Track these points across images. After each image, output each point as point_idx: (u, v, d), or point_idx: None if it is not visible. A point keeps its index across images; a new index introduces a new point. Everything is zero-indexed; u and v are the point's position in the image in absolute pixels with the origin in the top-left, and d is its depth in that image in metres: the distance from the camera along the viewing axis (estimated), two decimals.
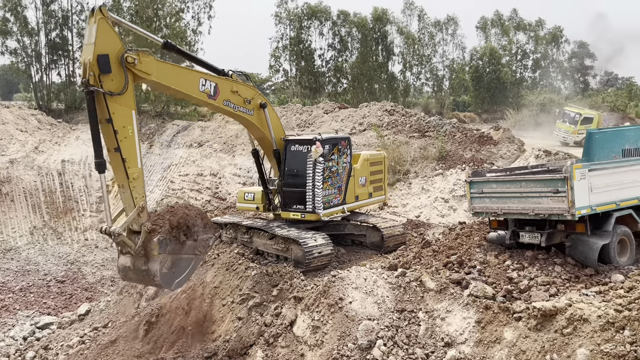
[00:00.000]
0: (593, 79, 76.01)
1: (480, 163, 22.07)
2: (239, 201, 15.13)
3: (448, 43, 65.82)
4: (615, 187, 10.78)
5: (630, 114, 50.29)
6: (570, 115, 37.68)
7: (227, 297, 12.32)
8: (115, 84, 10.02)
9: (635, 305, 8.04)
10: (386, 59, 62.16)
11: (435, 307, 9.83)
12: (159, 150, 34.29)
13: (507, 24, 68.37)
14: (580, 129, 35.06)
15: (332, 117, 32.43)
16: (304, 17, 59.50)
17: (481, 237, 12.87)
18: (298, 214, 13.47)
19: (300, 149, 13.53)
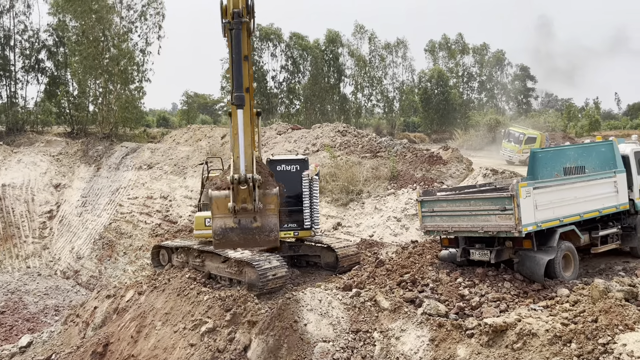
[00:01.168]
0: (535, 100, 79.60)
1: (430, 182, 22.53)
2: (198, 228, 13.85)
3: (398, 65, 67.50)
4: (559, 204, 11.20)
5: (570, 134, 52.77)
6: (515, 135, 39.14)
7: (178, 323, 11.95)
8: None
9: (580, 319, 8.31)
10: (338, 80, 63.09)
11: (390, 326, 9.85)
12: (107, 173, 33.34)
13: (453, 48, 70.84)
14: (525, 148, 36.44)
15: (285, 138, 32.48)
16: (256, 39, 59.74)
17: (433, 255, 13.06)
18: (290, 232, 13.65)
19: (288, 168, 13.78)
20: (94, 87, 44.18)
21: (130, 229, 27.71)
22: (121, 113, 42.94)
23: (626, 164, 13.12)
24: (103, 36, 42.44)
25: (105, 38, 42.68)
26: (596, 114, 66.36)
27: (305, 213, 13.69)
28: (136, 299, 13.94)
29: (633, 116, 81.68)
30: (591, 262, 12.94)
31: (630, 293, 9.05)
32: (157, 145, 37.08)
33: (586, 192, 11.83)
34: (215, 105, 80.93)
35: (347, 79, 64.00)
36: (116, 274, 25.75)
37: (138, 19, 45.19)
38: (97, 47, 41.67)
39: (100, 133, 41.32)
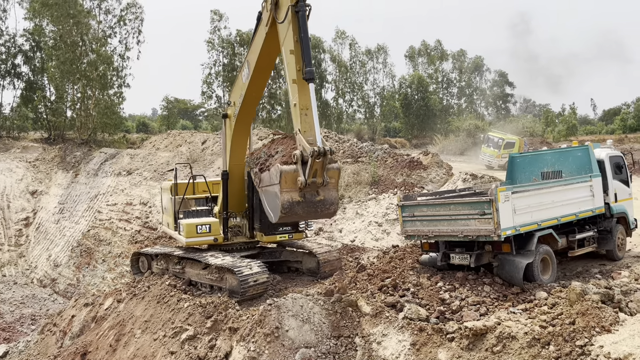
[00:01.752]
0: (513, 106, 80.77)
1: (411, 187, 22.68)
2: (189, 236, 13.34)
3: (379, 71, 67.97)
4: (537, 208, 11.35)
5: (547, 139, 53.64)
6: (494, 140, 39.68)
7: (158, 331, 11.81)
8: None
9: (558, 321, 8.42)
10: (320, 86, 63.26)
11: (371, 331, 9.86)
12: (85, 179, 32.90)
13: (432, 54, 71.62)
14: (503, 153, 36.96)
15: None
16: (237, 44, 59.67)
17: (414, 259, 13.14)
18: (285, 235, 13.91)
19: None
20: (72, 92, 43.64)
21: (109, 236, 27.35)
22: (100, 118, 42.47)
23: (601, 168, 13.38)
24: (81, 41, 41.97)
25: (83, 43, 42.22)
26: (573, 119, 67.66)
27: None
28: (115, 307, 13.75)
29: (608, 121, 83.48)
30: (568, 265, 13.15)
31: (607, 295, 9.19)
32: (137, 151, 36.72)
33: (563, 196, 12.02)
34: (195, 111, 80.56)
35: (329, 85, 64.25)
36: (94, 282, 25.36)
37: (117, 23, 44.86)
38: (74, 51, 41.19)
39: (79, 139, 40.80)
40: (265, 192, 10.36)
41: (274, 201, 9.95)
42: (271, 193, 10.04)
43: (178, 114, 70.94)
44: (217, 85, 59.83)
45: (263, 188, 10.40)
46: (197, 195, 15.04)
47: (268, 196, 10.22)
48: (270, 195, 10.08)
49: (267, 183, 10.20)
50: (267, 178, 10.14)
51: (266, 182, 10.22)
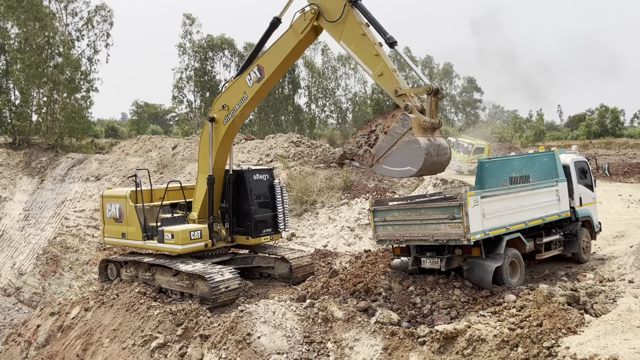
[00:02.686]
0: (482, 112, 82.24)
1: (383, 192, 22.84)
2: (184, 243, 13.13)
3: (350, 77, 68.38)
4: (505, 212, 11.55)
5: (515, 144, 54.73)
6: (464, 146, 40.25)
7: (127, 339, 11.59)
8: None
9: (526, 324, 8.57)
10: (292, 91, 63.29)
11: (344, 336, 9.87)
12: (52, 185, 32.15)
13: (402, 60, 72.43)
14: (473, 158, 37.51)
15: (239, 148, 32.25)
16: (209, 49, 59.29)
17: (386, 264, 13.22)
18: (267, 236, 14.68)
19: (261, 177, 14.72)
20: (38, 96, 42.62)
21: (77, 243, 26.74)
22: (67, 123, 41.56)
23: (567, 173, 13.70)
24: (47, 44, 41.05)
25: (50, 46, 41.31)
26: (541, 125, 69.26)
27: (279, 218, 14.75)
28: (82, 316, 13.45)
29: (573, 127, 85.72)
30: (536, 268, 13.42)
31: (573, 297, 9.41)
32: (106, 156, 36.06)
33: (531, 201, 12.27)
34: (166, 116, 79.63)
35: (302, 90, 64.38)
36: (61, 290, 24.75)
37: (84, 26, 44.04)
38: (40, 55, 40.28)
39: (45, 144, 39.85)
40: (390, 157, 10.32)
41: (409, 152, 9.93)
42: (403, 147, 10.05)
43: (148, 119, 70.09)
44: (188, 90, 59.29)
45: (384, 156, 10.37)
46: (156, 203, 14.55)
47: (399, 154, 10.15)
48: (402, 150, 10.07)
49: (390, 143, 10.24)
50: (389, 139, 10.25)
51: (388, 143, 10.26)
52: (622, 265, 12.30)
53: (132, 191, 14.36)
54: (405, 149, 10.01)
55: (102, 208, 15.31)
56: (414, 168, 9.94)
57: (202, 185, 13.89)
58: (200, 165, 14.03)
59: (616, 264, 12.61)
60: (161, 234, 13.49)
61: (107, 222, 15.08)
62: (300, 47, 12.29)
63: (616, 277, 11.80)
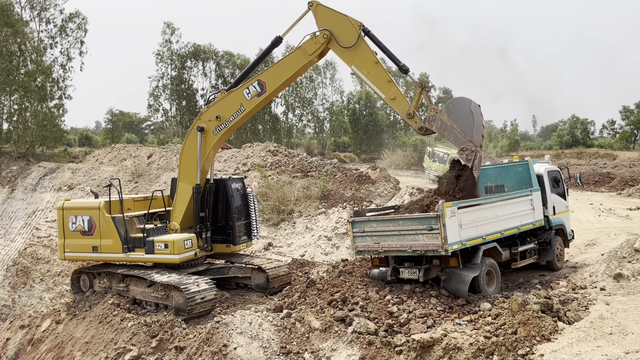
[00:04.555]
0: None
1: (360, 201, 22.90)
2: (180, 252, 12.95)
3: (327, 86, 68.63)
4: (481, 222, 11.67)
5: (490, 154, 55.55)
6: (440, 155, 40.72)
7: (100, 352, 11.35)
8: None
9: (501, 331, 8.65)
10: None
11: (321, 346, 9.82)
12: (23, 195, 31.43)
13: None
14: None
15: (215, 157, 32.01)
16: (188, 57, 58.95)
17: (363, 273, 13.22)
18: (244, 244, 15.09)
19: (237, 186, 15.03)
20: (9, 103, 41.72)
21: (48, 254, 26.13)
22: (39, 131, 40.76)
23: (540, 182, 13.94)
24: (19, 51, 40.29)
25: (22, 53, 40.54)
26: (515, 135, 70.45)
27: (253, 225, 15.18)
28: (53, 329, 13.13)
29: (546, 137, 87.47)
30: (511, 277, 13.58)
31: (546, 305, 9.54)
32: (79, 165, 35.44)
33: (506, 211, 12.43)
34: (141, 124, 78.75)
35: (279, 99, 64.34)
36: (31, 303, 24.12)
37: (58, 33, 43.37)
38: (11, 61, 39.49)
39: (15, 152, 38.96)
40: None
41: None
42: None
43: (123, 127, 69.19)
44: (164, 98, 58.76)
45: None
46: (137, 213, 14.30)
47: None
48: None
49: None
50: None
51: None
52: (594, 273, 12.53)
53: (106, 202, 13.77)
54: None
55: (62, 221, 14.25)
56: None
57: (184, 195, 13.73)
58: (182, 175, 13.83)
59: (588, 272, 12.85)
60: (150, 245, 13.08)
61: (69, 236, 14.11)
62: (305, 68, 13.22)
63: (588, 284, 12.02)
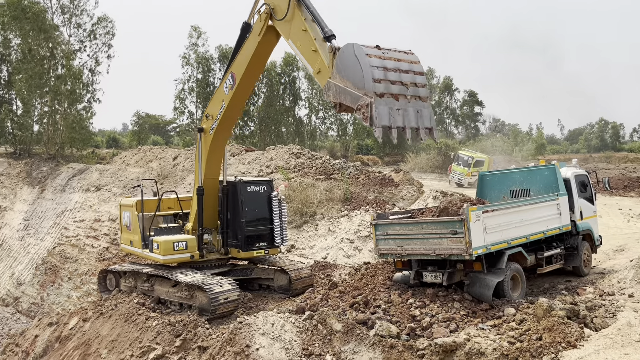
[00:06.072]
0: (483, 125, 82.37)
1: (383, 204, 22.83)
2: (166, 253, 13.23)
3: None
4: (506, 226, 11.51)
5: (516, 157, 54.80)
6: (464, 159, 40.33)
7: (125, 350, 11.53)
8: None
9: (526, 337, 8.54)
10: (293, 103, 63.49)
11: (343, 348, 9.82)
12: (52, 195, 32.15)
13: None
14: (473, 171, 37.57)
15: (239, 159, 32.30)
16: (214, 61, 59.56)
17: (385, 276, 13.17)
18: (262, 250, 14.24)
19: (257, 189, 14.29)
20: (40, 106, 42.76)
21: (76, 253, 26.68)
22: (68, 133, 41.67)
23: (567, 186, 13.70)
24: (50, 55, 41.30)
25: (53, 57, 41.55)
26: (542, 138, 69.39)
27: (276, 231, 14.26)
28: (80, 327, 13.38)
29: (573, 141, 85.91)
30: (536, 282, 13.37)
31: (572, 311, 9.37)
32: (106, 167, 36.10)
33: (532, 215, 12.24)
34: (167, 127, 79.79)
35: (302, 102, 64.56)
36: (59, 301, 24.66)
37: (87, 37, 44.35)
38: (43, 66, 40.49)
39: (46, 154, 39.91)
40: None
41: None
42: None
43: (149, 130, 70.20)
44: (189, 101, 59.44)
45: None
46: (165, 212, 14.76)
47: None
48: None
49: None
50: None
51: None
52: (622, 279, 12.26)
53: (137, 200, 14.60)
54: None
55: (120, 216, 15.79)
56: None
57: (195, 197, 14.02)
58: (195, 176, 14.13)
59: (616, 278, 12.57)
60: (151, 243, 13.62)
61: (123, 230, 15.55)
62: (262, 50, 12.15)
63: (616, 291, 11.76)
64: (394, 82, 9.16)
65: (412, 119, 9.42)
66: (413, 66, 9.63)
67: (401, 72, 9.34)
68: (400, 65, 9.38)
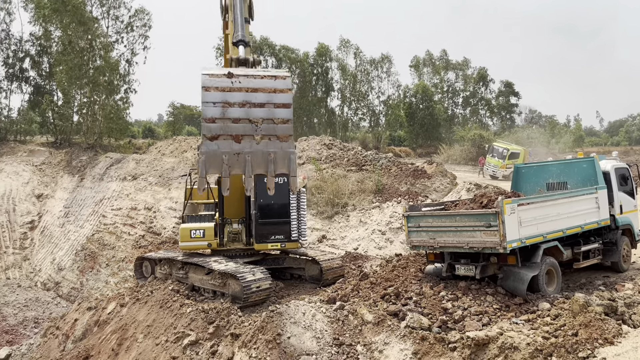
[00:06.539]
0: (518, 117, 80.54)
1: (415, 196, 22.66)
2: (183, 240, 13.74)
3: (383, 80, 67.97)
4: (542, 220, 11.31)
5: (553, 150, 53.51)
6: (499, 150, 39.63)
7: (160, 335, 11.82)
8: None
9: (561, 332, 8.39)
10: (325, 94, 63.41)
11: (373, 339, 9.85)
12: (91, 184, 33.03)
13: (437, 64, 71.63)
14: (508, 163, 36.90)
15: None
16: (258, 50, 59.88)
17: (417, 268, 13.12)
18: (277, 244, 13.66)
19: (276, 180, 13.69)
20: (79, 97, 43.88)
21: (114, 241, 27.42)
22: (106, 123, 42.68)
23: (607, 180, 13.34)
24: (89, 47, 42.27)
25: (92, 49, 42.51)
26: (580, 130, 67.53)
27: (293, 225, 13.67)
28: (118, 311, 13.77)
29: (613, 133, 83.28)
30: (572, 277, 13.10)
31: (610, 307, 9.16)
32: (142, 156, 36.86)
33: (569, 208, 11.99)
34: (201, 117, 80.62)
35: (335, 93, 64.40)
36: (98, 286, 25.40)
37: (124, 29, 45.19)
38: (82, 57, 41.49)
39: (85, 143, 40.97)
40: None
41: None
42: None
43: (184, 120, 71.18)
44: None
45: None
46: (205, 201, 15.24)
47: None
48: None
49: None
50: None
51: None
52: None
53: (188, 188, 15.25)
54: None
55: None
56: None
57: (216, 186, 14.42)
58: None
59: None
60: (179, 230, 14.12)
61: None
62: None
63: None
64: (237, 119, 7.62)
65: (258, 164, 8.06)
66: (274, 97, 7.80)
67: (252, 106, 7.67)
68: (252, 97, 7.64)
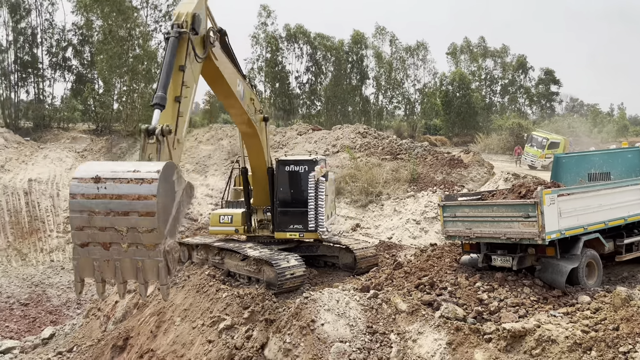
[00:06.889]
0: (559, 105, 78.24)
1: (451, 185, 22.38)
2: (213, 224, 14.47)
3: (419, 68, 67.01)
4: (583, 211, 11.00)
5: (595, 139, 51.88)
6: (538, 140, 38.65)
7: (197, 319, 12.09)
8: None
9: (601, 326, 8.19)
10: (360, 82, 62.99)
11: (407, 328, 9.83)
12: None
13: (475, 51, 70.09)
14: (548, 153, 35.97)
15: (306, 138, 32.57)
16: (282, 40, 59.92)
17: (452, 258, 12.99)
18: (296, 233, 13.67)
19: (296, 169, 13.71)
20: (119, 85, 44.87)
21: None
22: (145, 111, 43.55)
23: None
24: (129, 36, 43.09)
25: (131, 38, 43.32)
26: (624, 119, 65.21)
27: (310, 215, 13.34)
28: (156, 295, 14.12)
29: None
30: (614, 270, 12.74)
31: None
32: None
33: (612, 200, 11.63)
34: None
35: (370, 81, 63.88)
36: None
37: (162, 18, 45.87)
38: (122, 46, 42.35)
39: (124, 130, 41.93)
40: None
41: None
42: None
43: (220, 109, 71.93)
44: (258, 80, 60.21)
45: None
46: (239, 187, 15.54)
47: None
48: None
49: None
50: None
51: None
52: None
53: (237, 176, 15.71)
54: None
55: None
56: None
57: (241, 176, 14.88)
58: (242, 158, 14.91)
59: None
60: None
61: None
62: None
63: None
64: (103, 228, 7.10)
65: (127, 271, 7.52)
66: (137, 205, 6.93)
67: (117, 214, 6.96)
68: (117, 205, 6.92)
